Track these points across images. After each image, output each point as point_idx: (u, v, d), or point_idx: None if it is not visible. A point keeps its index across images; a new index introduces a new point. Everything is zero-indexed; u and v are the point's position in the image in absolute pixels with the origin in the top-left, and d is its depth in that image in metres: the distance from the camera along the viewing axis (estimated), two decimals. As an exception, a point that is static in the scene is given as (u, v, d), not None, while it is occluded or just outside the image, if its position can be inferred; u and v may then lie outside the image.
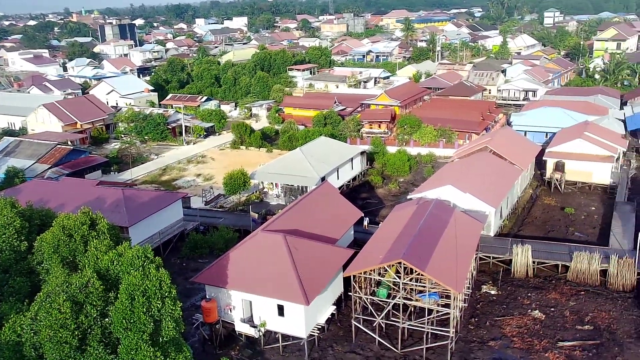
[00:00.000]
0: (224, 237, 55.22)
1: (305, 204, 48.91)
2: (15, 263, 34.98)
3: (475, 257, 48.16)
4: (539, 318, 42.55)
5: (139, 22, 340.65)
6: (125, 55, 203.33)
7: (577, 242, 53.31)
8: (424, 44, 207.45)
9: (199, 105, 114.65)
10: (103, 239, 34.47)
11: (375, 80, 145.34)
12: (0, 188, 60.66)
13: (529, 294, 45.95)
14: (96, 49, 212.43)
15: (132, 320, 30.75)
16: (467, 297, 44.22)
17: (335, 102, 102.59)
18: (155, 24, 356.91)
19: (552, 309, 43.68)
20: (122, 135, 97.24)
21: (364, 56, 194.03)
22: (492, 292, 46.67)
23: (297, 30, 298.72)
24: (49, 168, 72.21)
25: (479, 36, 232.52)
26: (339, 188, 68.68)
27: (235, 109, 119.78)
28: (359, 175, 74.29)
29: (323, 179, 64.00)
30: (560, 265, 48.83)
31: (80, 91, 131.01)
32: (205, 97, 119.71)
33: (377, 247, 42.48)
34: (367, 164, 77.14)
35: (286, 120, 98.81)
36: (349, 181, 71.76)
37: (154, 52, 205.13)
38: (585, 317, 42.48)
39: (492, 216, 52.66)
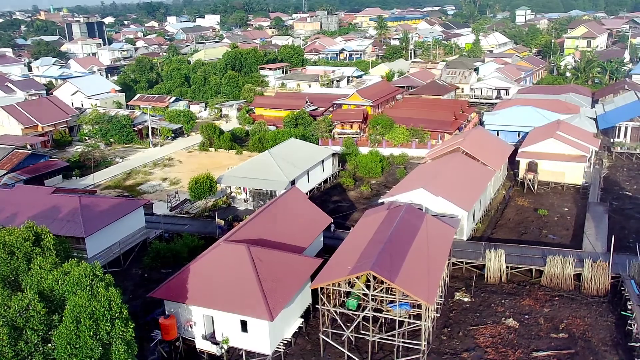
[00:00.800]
0: (188, 246, 52.79)
1: (271, 211, 46.85)
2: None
3: (448, 263, 46.76)
4: (513, 326, 41.27)
5: (109, 20, 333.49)
6: (94, 54, 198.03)
7: (550, 244, 52.39)
8: (397, 42, 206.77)
9: (167, 106, 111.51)
10: (48, 255, 31.91)
11: (348, 79, 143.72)
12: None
13: (503, 301, 44.69)
14: (63, 48, 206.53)
15: (77, 345, 28.40)
16: (439, 307, 42.73)
17: (306, 102, 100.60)
18: (126, 22, 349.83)
19: (527, 317, 42.47)
20: (86, 138, 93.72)
21: (337, 55, 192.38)
22: (466, 300, 45.28)
23: (270, 28, 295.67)
24: (6, 174, 68.68)
25: (451, 34, 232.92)
26: (310, 191, 66.91)
27: (205, 110, 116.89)
28: (330, 178, 72.51)
29: (293, 182, 62.08)
30: (534, 270, 47.75)
31: (44, 92, 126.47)
32: (174, 98, 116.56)
33: (346, 256, 40.67)
34: (338, 166, 75.39)
35: (257, 121, 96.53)
36: (320, 184, 69.93)
37: (123, 51, 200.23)
38: (560, 324, 41.35)
39: (464, 220, 51.36)
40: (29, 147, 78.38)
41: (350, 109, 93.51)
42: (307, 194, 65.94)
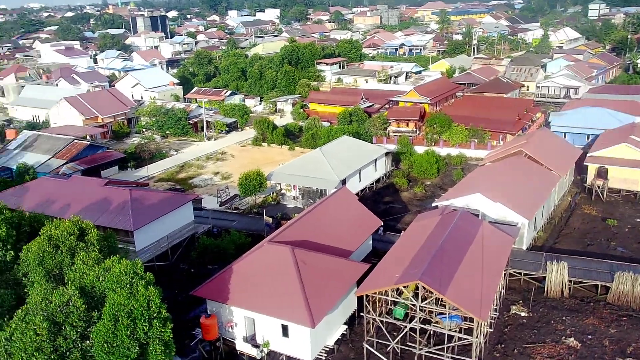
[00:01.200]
0: (235, 243, 52.17)
1: (319, 212, 45.37)
2: (0, 274, 32.62)
3: (505, 274, 43.83)
4: (574, 347, 38.06)
5: (172, 14, 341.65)
6: (156, 47, 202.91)
7: (619, 258, 48.33)
8: (459, 37, 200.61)
9: (223, 100, 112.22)
10: (92, 250, 31.72)
11: (406, 75, 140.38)
12: (11, 184, 59.22)
13: (564, 318, 41.39)
14: (128, 41, 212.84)
15: (115, 344, 27.94)
16: (493, 321, 40.03)
17: (362, 99, 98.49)
18: (188, 16, 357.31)
19: (590, 337, 39.09)
20: (144, 130, 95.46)
21: (396, 50, 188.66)
22: (522, 314, 42.29)
23: (330, 22, 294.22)
24: (65, 164, 70.61)
25: (518, 29, 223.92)
26: (361, 191, 65.07)
27: (260, 104, 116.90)
28: (383, 177, 70.31)
29: (344, 181, 60.43)
30: (599, 286, 44.05)
31: (107, 83, 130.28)
32: (229, 91, 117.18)
33: (394, 263, 38.68)
34: (392, 165, 73.04)
35: (310, 117, 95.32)
36: (372, 183, 67.88)
37: (183, 44, 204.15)
38: (628, 347, 37.79)
39: (525, 228, 48.11)
40: (88, 138, 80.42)
41: (407, 106, 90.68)
42: (358, 193, 64.28)
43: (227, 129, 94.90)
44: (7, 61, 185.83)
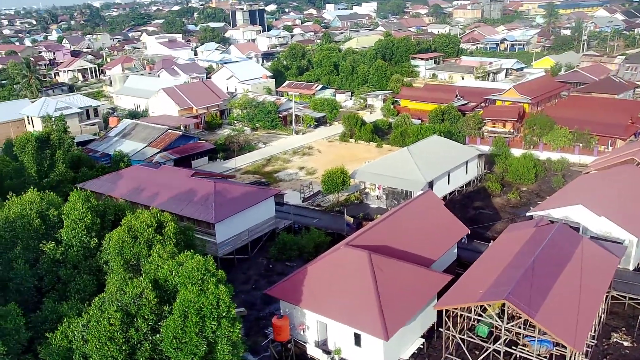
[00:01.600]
0: (315, 241, 51.30)
1: (402, 215, 43.18)
2: (84, 260, 33.73)
3: (607, 297, 39.35)
4: (688, 389, 33.29)
5: (271, 7, 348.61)
6: (253, 40, 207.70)
7: None
8: (567, 32, 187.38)
9: (313, 94, 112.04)
10: (168, 244, 31.83)
11: (506, 72, 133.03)
12: (108, 170, 62.19)
13: (676, 353, 36.43)
14: (227, 34, 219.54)
15: (183, 340, 27.72)
16: (590, 349, 35.97)
17: (456, 96, 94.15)
18: (287, 10, 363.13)
19: None
20: (235, 122, 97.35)
21: (497, 45, 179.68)
22: (625, 344, 37.73)
23: (428, 16, 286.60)
24: (158, 152, 73.29)
25: (635, 24, 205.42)
26: (450, 194, 61.85)
27: (350, 99, 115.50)
28: (474, 181, 66.42)
29: (431, 183, 57.60)
30: None
31: (204, 75, 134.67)
32: (320, 85, 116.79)
33: (479, 276, 35.80)
34: (485, 168, 68.85)
35: (401, 114, 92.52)
36: (462, 187, 64.31)
37: (279, 37, 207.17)
38: None
39: (633, 247, 43.02)
40: (181, 128, 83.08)
41: (505, 106, 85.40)
42: (446, 197, 61.21)
43: (315, 123, 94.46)
44: (117, 52, 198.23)
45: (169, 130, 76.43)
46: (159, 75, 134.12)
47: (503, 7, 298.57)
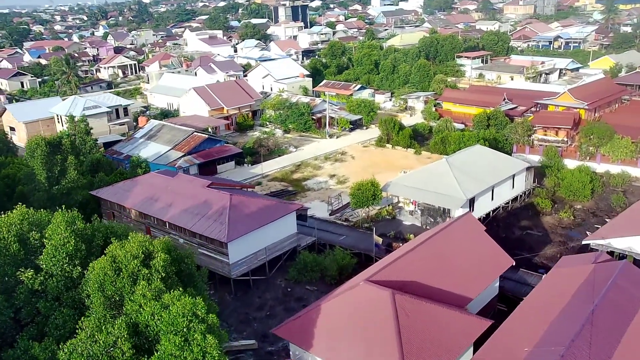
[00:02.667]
0: (338, 263, 46.32)
1: (435, 243, 37.55)
2: (65, 291, 29.77)
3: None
4: None
5: (316, 3, 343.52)
6: (294, 37, 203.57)
7: None
8: (628, 29, 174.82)
9: (351, 94, 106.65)
10: (156, 278, 27.41)
11: (560, 73, 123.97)
12: (125, 176, 58.90)
13: None
14: (269, 31, 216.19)
15: (161, 402, 23.36)
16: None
17: (504, 99, 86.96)
18: (331, 5, 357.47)
19: None
20: (267, 123, 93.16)
21: (550, 43, 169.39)
22: None
23: (476, 12, 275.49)
24: (182, 156, 69.78)
25: None
26: (493, 211, 55.59)
27: (390, 100, 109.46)
28: (521, 195, 59.78)
29: (472, 200, 51.56)
30: None
31: (241, 73, 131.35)
32: (359, 86, 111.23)
33: (525, 327, 29.96)
34: (534, 182, 62.05)
35: (443, 118, 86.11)
36: (507, 202, 57.84)
37: (321, 34, 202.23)
38: None
39: None
40: (209, 130, 79.40)
41: (558, 111, 77.84)
42: (489, 214, 55.09)
43: (351, 126, 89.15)
44: (159, 49, 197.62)
45: (195, 133, 72.78)
46: (195, 73, 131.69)
47: (557, 3, 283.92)
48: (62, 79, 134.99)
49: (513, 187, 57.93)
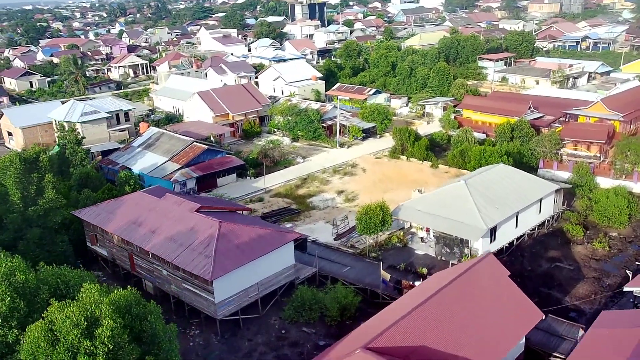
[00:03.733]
0: (339, 302, 40.83)
1: (450, 294, 31.80)
2: (1, 357, 24.90)
3: None
4: None
5: (335, 0, 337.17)
6: (311, 36, 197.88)
7: None
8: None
9: (366, 98, 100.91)
10: (101, 352, 22.26)
11: (589, 76, 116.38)
12: (113, 193, 54.22)
13: None
14: (285, 29, 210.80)
15: None
16: None
17: (529, 108, 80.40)
18: (350, 3, 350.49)
19: None
20: (276, 130, 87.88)
21: (577, 43, 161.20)
22: None
23: (500, 10, 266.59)
24: (179, 169, 64.89)
25: None
26: (517, 239, 49.59)
27: (406, 105, 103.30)
28: (549, 220, 53.59)
29: (494, 229, 45.68)
30: None
31: (253, 74, 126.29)
32: (374, 89, 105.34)
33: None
34: (563, 204, 55.81)
35: (462, 127, 79.92)
36: (534, 228, 51.72)
37: (338, 33, 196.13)
38: None
39: None
40: (211, 139, 74.50)
41: (590, 123, 71.14)
42: (512, 242, 49.26)
43: (363, 134, 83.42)
44: (173, 47, 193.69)
45: (194, 143, 67.79)
46: (206, 74, 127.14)
47: (584, 1, 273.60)
48: (69, 79, 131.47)
49: (540, 211, 51.79)
